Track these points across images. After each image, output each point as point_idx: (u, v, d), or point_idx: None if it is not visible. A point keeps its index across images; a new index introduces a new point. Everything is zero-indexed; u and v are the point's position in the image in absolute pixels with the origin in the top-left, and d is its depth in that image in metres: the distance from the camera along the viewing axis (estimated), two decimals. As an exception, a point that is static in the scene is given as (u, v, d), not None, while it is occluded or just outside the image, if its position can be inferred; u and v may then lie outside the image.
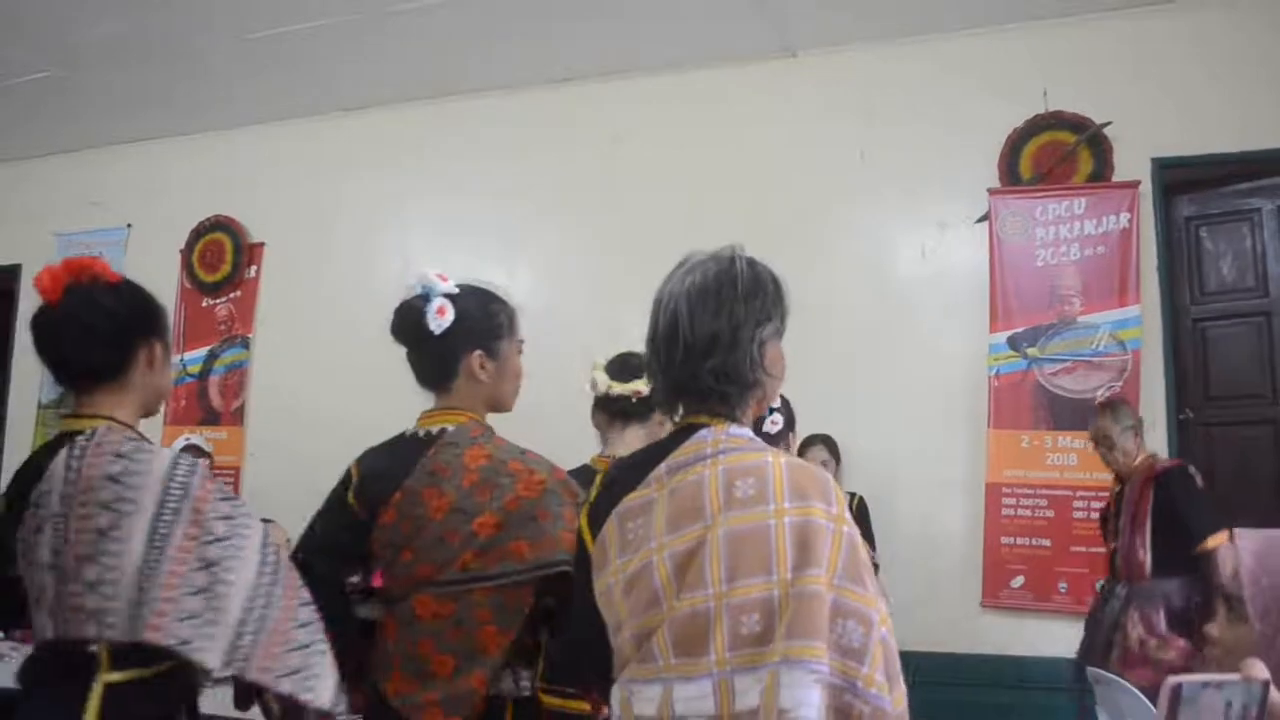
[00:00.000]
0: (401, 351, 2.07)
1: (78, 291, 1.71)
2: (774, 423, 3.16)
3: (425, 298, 1.98)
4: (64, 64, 5.34)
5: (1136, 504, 3.71)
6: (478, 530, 1.84)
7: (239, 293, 6.08)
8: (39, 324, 1.73)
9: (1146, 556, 3.66)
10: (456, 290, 2.00)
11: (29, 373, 6.15)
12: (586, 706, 2.00)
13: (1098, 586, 4.00)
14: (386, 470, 1.96)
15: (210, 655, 1.51)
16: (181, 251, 6.18)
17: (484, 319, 2.03)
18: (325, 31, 4.95)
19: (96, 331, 1.71)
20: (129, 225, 6.37)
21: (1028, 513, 4.38)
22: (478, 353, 2.00)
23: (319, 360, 5.70)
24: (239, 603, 1.55)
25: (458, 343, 1.99)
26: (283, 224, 6.05)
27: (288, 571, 1.65)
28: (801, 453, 4.50)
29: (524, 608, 1.86)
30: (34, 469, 1.64)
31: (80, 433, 1.64)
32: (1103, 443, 3.84)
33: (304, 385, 5.69)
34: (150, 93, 5.71)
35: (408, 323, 1.99)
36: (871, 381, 4.65)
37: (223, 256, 6.10)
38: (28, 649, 4.29)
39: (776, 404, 3.15)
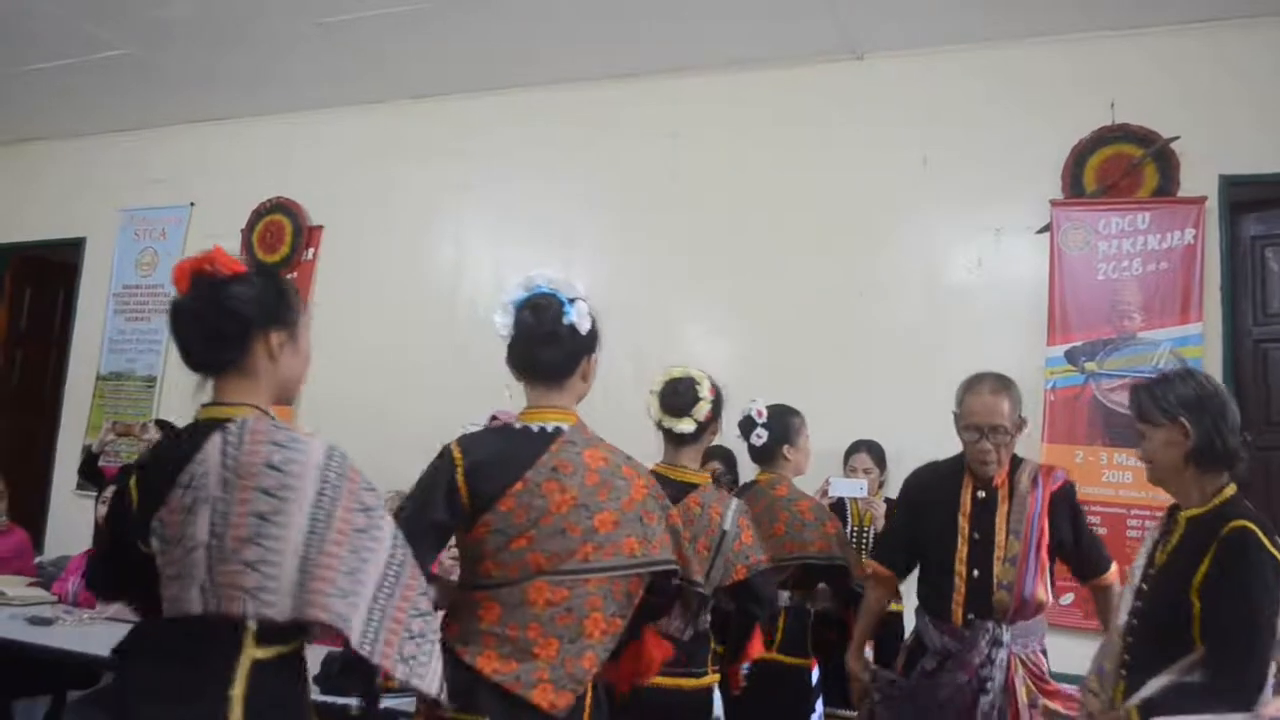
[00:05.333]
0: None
1: (198, 285, 1.75)
2: (759, 436, 3.28)
3: (559, 299, 2.15)
4: (142, 42, 5.46)
5: None
6: (598, 526, 2.06)
7: (296, 274, 6.12)
8: (170, 314, 1.80)
9: None
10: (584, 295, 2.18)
11: (89, 344, 6.20)
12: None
13: None
14: (502, 460, 2.08)
15: (355, 634, 1.58)
16: (242, 231, 6.27)
17: (598, 327, 2.23)
18: (394, 19, 5.01)
19: (206, 327, 1.76)
20: (192, 203, 6.49)
21: (1081, 529, 4.30)
22: (594, 356, 2.24)
23: (370, 345, 5.77)
24: (370, 588, 1.62)
25: (587, 345, 2.21)
26: (342, 208, 6.12)
27: (411, 563, 1.72)
28: (846, 458, 4.47)
29: (634, 598, 2.10)
30: (178, 452, 1.67)
31: (229, 420, 1.68)
32: None
33: (354, 369, 5.73)
34: (220, 73, 5.82)
35: (547, 318, 2.15)
36: (922, 388, 4.57)
37: (282, 238, 6.19)
38: (84, 613, 4.29)
39: (763, 419, 3.28)
